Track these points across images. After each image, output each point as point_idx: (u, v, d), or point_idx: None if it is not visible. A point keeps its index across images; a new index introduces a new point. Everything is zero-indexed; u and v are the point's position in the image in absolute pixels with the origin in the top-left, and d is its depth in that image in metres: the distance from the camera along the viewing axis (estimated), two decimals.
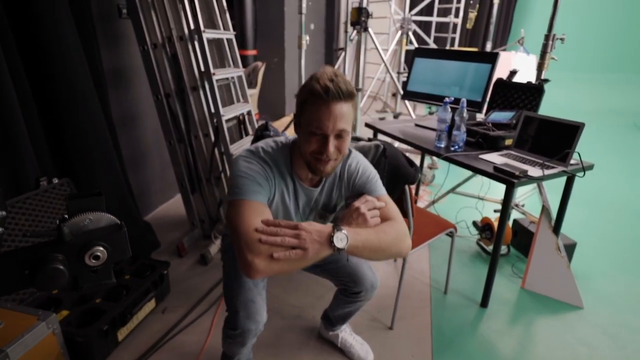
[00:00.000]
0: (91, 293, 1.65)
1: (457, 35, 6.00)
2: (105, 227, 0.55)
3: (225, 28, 2.31)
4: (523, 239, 2.29)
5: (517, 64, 3.65)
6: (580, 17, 6.87)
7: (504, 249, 2.32)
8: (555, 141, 1.75)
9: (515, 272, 2.15)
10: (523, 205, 2.60)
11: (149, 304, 1.76)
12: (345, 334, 1.61)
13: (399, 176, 1.43)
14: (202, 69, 2.03)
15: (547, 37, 2.04)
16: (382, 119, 5.48)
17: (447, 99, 1.96)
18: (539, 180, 1.62)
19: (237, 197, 0.98)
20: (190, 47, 2.01)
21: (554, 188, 2.07)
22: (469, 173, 2.84)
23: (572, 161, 1.73)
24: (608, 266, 2.23)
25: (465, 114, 1.89)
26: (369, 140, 1.54)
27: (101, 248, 0.52)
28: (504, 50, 4.85)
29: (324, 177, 1.12)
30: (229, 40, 2.35)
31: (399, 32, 4.72)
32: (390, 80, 5.95)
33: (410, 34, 4.84)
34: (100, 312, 1.56)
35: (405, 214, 1.55)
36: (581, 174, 1.69)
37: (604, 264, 2.25)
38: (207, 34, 2.00)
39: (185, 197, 2.37)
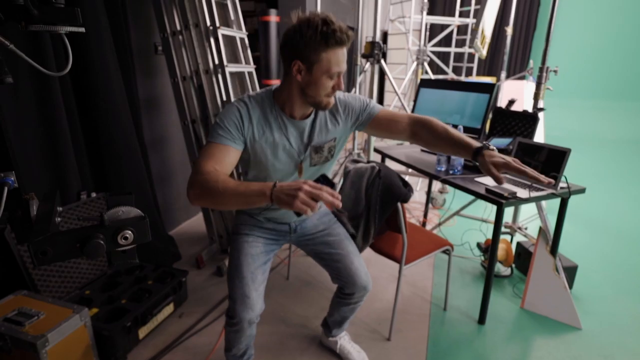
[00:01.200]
0: (119, 294, 1.87)
1: (475, 65, 6.17)
2: (133, 217, 0.75)
3: (247, 62, 2.58)
4: (525, 260, 2.35)
5: (530, 92, 3.77)
6: (588, 47, 6.91)
7: (507, 270, 2.39)
8: (546, 165, 1.86)
9: (516, 292, 2.22)
10: (526, 229, 2.67)
11: (167, 308, 1.95)
12: (344, 341, 1.73)
13: (392, 195, 1.59)
14: (224, 98, 2.29)
15: (541, 69, 2.18)
16: (400, 144, 5.64)
17: None
18: (525, 201, 1.73)
19: (208, 139, 1.15)
20: (214, 79, 2.28)
21: (555, 211, 2.15)
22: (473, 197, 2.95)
23: (563, 184, 1.83)
24: (609, 289, 2.25)
25: None
26: (367, 162, 1.72)
27: (129, 232, 0.72)
28: (520, 77, 4.98)
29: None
30: (250, 73, 2.62)
31: (414, 63, 4.93)
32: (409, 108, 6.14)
33: (426, 64, 5.05)
34: (125, 311, 1.75)
35: (398, 230, 1.70)
36: (571, 195, 1.79)
37: (604, 287, 2.27)
38: (230, 68, 2.27)
39: (206, 214, 2.59)
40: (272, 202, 0.92)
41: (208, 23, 2.19)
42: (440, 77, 5.66)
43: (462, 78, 5.96)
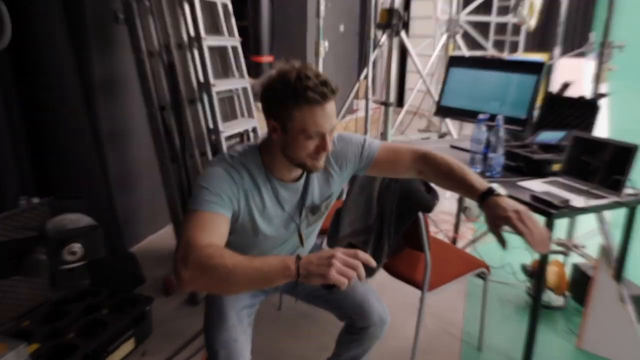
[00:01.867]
0: (65, 326, 1.89)
1: (522, 38, 6.19)
2: (83, 227, 0.76)
3: (230, 34, 2.61)
4: (583, 287, 2.34)
5: (590, 72, 3.78)
6: None
7: (559, 299, 2.39)
8: (608, 166, 1.86)
9: (570, 328, 2.22)
10: (584, 247, 2.67)
11: (127, 344, 1.96)
12: None
13: (412, 202, 1.60)
14: (202, 79, 2.32)
15: (602, 45, 2.20)
16: (425, 139, 5.66)
17: (481, 116, 2.13)
18: (581, 212, 1.74)
19: (192, 207, 1.15)
20: (189, 55, 2.30)
21: (620, 225, 2.16)
22: None
23: (630, 190, 1.84)
24: None
25: (501, 133, 2.05)
26: None
27: (78, 245, 0.74)
28: (579, 54, 4.98)
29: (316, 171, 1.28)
30: (234, 48, 2.65)
31: (444, 36, 4.97)
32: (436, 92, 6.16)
33: (458, 37, 5.08)
34: (72, 348, 1.77)
35: (419, 247, 1.71)
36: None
37: None
38: (209, 41, 2.30)
39: (177, 226, 2.61)
40: (298, 277, 0.94)
41: None
42: (477, 53, 5.68)
43: (505, 55, 5.98)
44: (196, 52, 2.30)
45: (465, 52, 5.27)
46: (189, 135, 2.42)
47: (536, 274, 1.83)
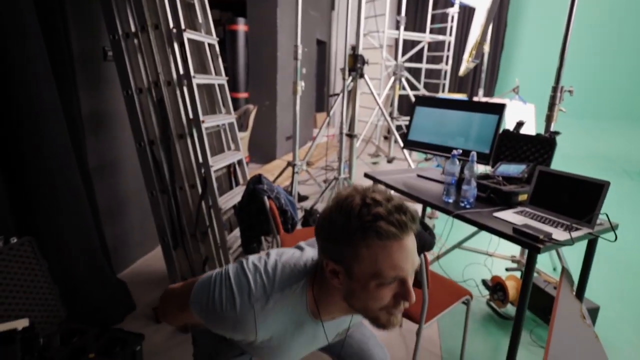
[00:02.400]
0: None
1: (447, 82, 6.09)
2: None
3: (217, 73, 2.19)
4: (538, 300, 2.09)
5: (514, 112, 3.63)
6: (582, 65, 7.08)
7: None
8: (575, 199, 1.60)
9: (534, 340, 1.94)
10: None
11: None
12: None
13: (417, 244, 1.25)
14: (191, 115, 1.88)
15: (554, 89, 1.96)
16: (375, 163, 5.40)
17: (455, 152, 1.83)
18: (565, 244, 1.45)
19: (191, 300, 0.80)
20: (178, 92, 1.86)
21: (569, 247, 1.91)
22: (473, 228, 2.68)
23: (601, 222, 1.58)
24: (633, 333, 2.03)
25: (476, 169, 1.75)
26: None
27: None
28: (502, 97, 4.89)
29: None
30: (221, 86, 2.22)
31: (392, 78, 4.73)
32: (383, 124, 5.94)
33: (404, 80, 4.87)
34: None
35: (416, 284, 1.35)
36: (610, 236, 1.54)
37: (629, 329, 2.05)
38: (198, 80, 1.87)
39: (167, 253, 2.13)
40: None
41: (171, 24, 1.78)
42: (413, 93, 5.50)
43: (438, 94, 5.85)
44: (185, 90, 1.86)
45: (409, 91, 5.06)
46: (179, 168, 1.97)
47: (518, 304, 1.53)
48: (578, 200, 1.59)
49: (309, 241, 0.94)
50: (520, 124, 2.08)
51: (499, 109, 1.98)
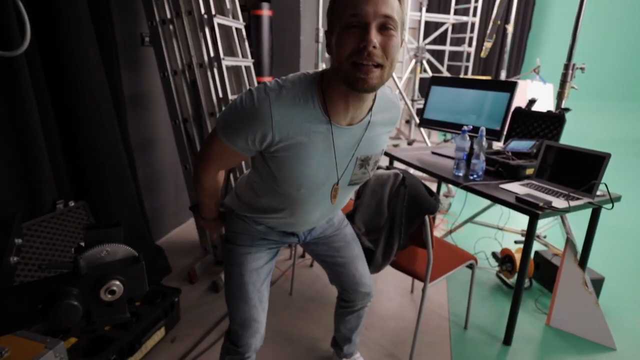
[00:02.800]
0: None
1: (471, 64, 6.04)
2: (123, 259, 0.53)
3: (244, 56, 2.35)
4: (546, 272, 2.19)
5: (534, 92, 3.63)
6: (598, 45, 6.88)
7: (526, 282, 2.22)
8: (579, 172, 1.69)
9: (539, 307, 2.05)
10: (545, 237, 2.51)
11: (158, 333, 1.71)
12: None
13: (420, 206, 1.39)
14: (221, 95, 2.06)
15: (566, 67, 2.02)
16: (396, 145, 5.48)
17: (465, 127, 1.94)
18: (564, 212, 1.56)
19: (217, 126, 0.91)
20: (209, 74, 2.04)
21: (577, 219, 2.00)
22: (486, 202, 2.78)
23: (598, 192, 1.67)
24: (637, 304, 2.11)
25: (484, 143, 1.86)
26: (387, 168, 1.52)
27: (118, 282, 0.50)
28: (520, 78, 4.85)
29: (369, 91, 0.83)
30: (247, 68, 2.39)
31: (413, 61, 4.77)
32: (404, 107, 5.98)
33: (425, 62, 4.89)
34: (108, 340, 1.51)
35: (422, 245, 1.50)
36: (609, 205, 1.63)
37: (633, 301, 2.13)
38: (227, 62, 2.04)
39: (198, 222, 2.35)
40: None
41: (202, 11, 1.95)
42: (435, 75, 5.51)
43: (461, 77, 5.82)
44: (216, 71, 2.04)
45: (430, 74, 5.09)
46: None
47: (517, 277, 1.65)
48: (581, 172, 1.68)
49: None
50: (532, 102, 2.15)
51: (510, 87, 2.06)
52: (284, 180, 0.96)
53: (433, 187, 2.67)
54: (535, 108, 2.18)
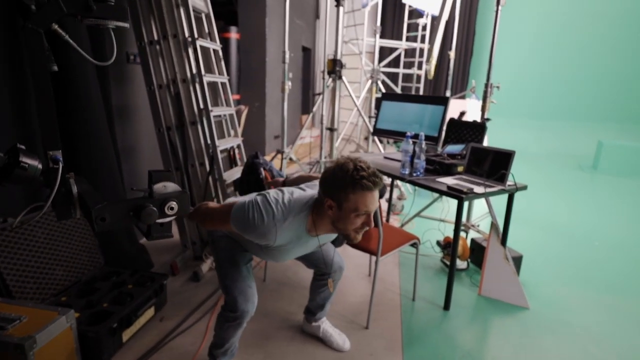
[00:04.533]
0: (98, 299, 1.84)
1: (422, 85, 6.68)
2: (174, 191, 0.84)
3: (220, 73, 2.68)
4: (479, 255, 2.62)
5: (471, 108, 4.20)
6: (529, 68, 7.85)
7: (464, 264, 2.64)
8: (495, 166, 2.14)
9: (473, 282, 2.46)
10: (478, 226, 2.97)
11: (148, 311, 1.94)
12: (326, 325, 1.87)
13: None
14: (201, 106, 2.36)
15: (486, 85, 2.51)
16: (364, 152, 5.92)
17: (408, 134, 2.36)
18: (482, 196, 1.98)
19: (231, 221, 1.22)
20: (191, 87, 2.35)
21: (501, 210, 2.45)
22: (431, 199, 3.22)
23: (510, 183, 2.12)
24: (550, 276, 2.57)
25: (424, 146, 2.28)
26: None
27: (175, 203, 0.81)
28: (461, 97, 5.49)
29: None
30: (223, 84, 2.71)
31: (369, 81, 5.28)
32: (362, 124, 6.48)
33: (380, 83, 5.42)
34: (107, 314, 1.73)
35: (375, 224, 1.86)
36: (519, 193, 2.08)
37: (545, 273, 2.60)
38: (207, 78, 2.36)
39: (180, 221, 2.59)
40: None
41: (187, 34, 2.27)
42: None
43: None
44: (197, 86, 2.35)
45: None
46: (191, 149, 2.44)
47: (452, 248, 2.05)
48: (498, 166, 2.13)
49: (308, 184, 1.42)
50: (462, 114, 2.63)
51: (444, 101, 2.52)
52: (268, 256, 1.43)
53: (387, 183, 3.08)
54: (467, 119, 2.66)
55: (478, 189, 2.00)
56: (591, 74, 9.20)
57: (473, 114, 3.24)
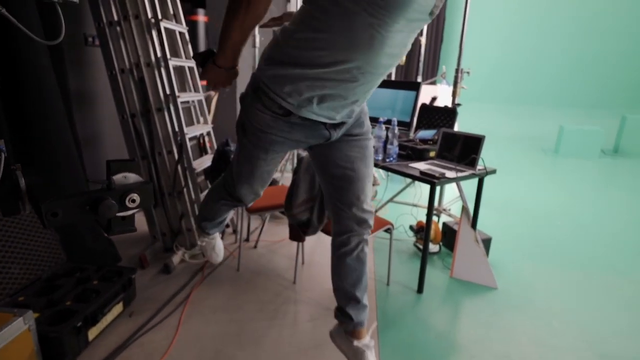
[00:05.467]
0: (61, 297, 1.74)
1: (394, 71, 6.69)
2: (136, 182, 0.78)
3: (187, 57, 2.56)
4: (451, 238, 2.67)
5: (442, 93, 4.25)
6: (496, 55, 8.03)
7: (436, 247, 2.68)
8: (466, 151, 2.17)
9: (445, 265, 2.51)
10: (450, 210, 3.02)
11: (117, 307, 1.85)
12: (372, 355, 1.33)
13: None
14: (168, 92, 2.25)
15: (456, 71, 2.52)
16: None
17: (381, 119, 2.34)
18: (453, 180, 2.00)
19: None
20: (156, 72, 2.22)
21: (471, 194, 2.49)
22: (404, 185, 3.25)
23: (480, 167, 2.15)
24: (516, 256, 2.66)
25: (396, 131, 2.27)
26: None
27: (136, 194, 0.75)
28: (432, 82, 5.53)
29: None
30: (190, 68, 2.59)
31: None
32: None
33: None
34: (71, 313, 1.64)
35: None
36: (489, 177, 2.11)
37: (513, 255, 2.68)
38: (173, 62, 2.24)
39: (148, 212, 2.49)
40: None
41: (149, 15, 2.14)
42: None
43: None
44: (163, 70, 2.23)
45: None
46: (158, 137, 2.33)
47: (425, 232, 2.07)
48: (468, 151, 2.15)
49: None
50: (434, 99, 2.63)
51: (416, 87, 2.51)
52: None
53: None
54: (438, 104, 2.67)
55: (450, 174, 2.02)
56: (555, 62, 9.54)
57: (444, 99, 3.27)
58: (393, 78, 6.68)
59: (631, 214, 3.56)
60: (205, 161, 2.56)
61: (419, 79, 5.03)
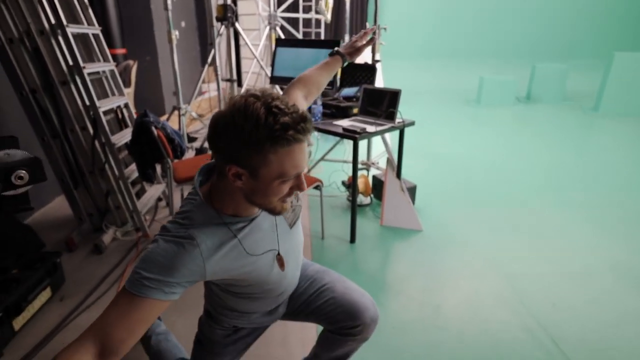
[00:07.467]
0: None
1: (322, 30, 6.60)
2: (23, 159, 0.74)
3: (90, 23, 2.33)
4: (380, 189, 2.83)
5: (366, 51, 4.31)
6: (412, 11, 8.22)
7: (367, 199, 2.84)
8: (386, 105, 2.26)
9: (376, 215, 2.68)
10: (378, 163, 3.18)
11: (44, 293, 1.78)
12: None
13: None
14: (71, 62, 2.06)
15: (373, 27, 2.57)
16: None
17: None
18: (374, 134, 2.10)
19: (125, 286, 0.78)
20: (53, 41, 2.02)
21: (395, 146, 2.63)
22: (334, 143, 3.34)
23: (399, 120, 2.27)
24: (439, 201, 2.90)
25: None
26: None
27: (23, 171, 0.72)
28: None
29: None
30: (96, 36, 2.38)
31: (268, 27, 5.05)
32: (264, 75, 6.29)
33: (278, 29, 5.22)
34: None
35: None
36: (409, 128, 2.24)
37: (436, 199, 2.92)
38: (71, 29, 2.04)
39: (69, 194, 2.34)
40: None
41: None
42: None
43: None
44: (61, 39, 2.03)
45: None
46: (67, 113, 2.16)
47: (352, 185, 2.17)
48: (387, 105, 2.25)
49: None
50: None
51: (337, 45, 2.53)
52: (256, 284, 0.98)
53: None
54: (359, 61, 2.72)
55: (370, 128, 2.11)
56: (473, 14, 9.97)
57: (365, 57, 3.32)
58: (322, 37, 6.61)
59: (536, 154, 3.99)
60: (126, 135, 2.42)
61: (346, 38, 5.03)
